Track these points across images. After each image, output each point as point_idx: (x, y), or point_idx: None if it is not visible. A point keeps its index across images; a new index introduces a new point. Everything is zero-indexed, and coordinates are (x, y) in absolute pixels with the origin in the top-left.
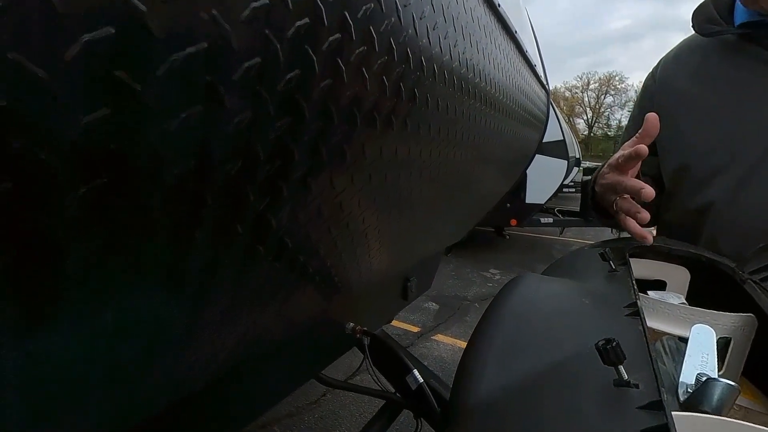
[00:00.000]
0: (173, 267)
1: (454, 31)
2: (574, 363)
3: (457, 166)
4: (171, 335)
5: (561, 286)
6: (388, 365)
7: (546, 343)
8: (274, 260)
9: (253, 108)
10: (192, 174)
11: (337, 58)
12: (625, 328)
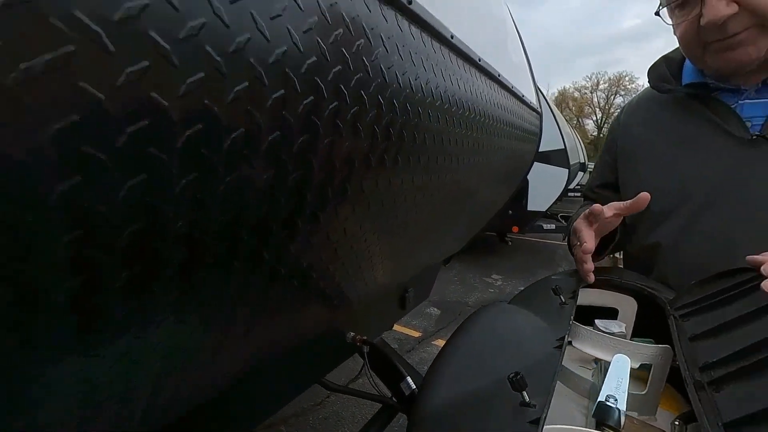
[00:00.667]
0: (209, 295)
1: (424, 71)
2: (502, 387)
3: (450, 188)
4: (200, 350)
5: (515, 318)
6: (385, 371)
7: (488, 368)
8: (289, 282)
9: (276, 168)
10: (233, 223)
11: (335, 119)
12: (548, 358)
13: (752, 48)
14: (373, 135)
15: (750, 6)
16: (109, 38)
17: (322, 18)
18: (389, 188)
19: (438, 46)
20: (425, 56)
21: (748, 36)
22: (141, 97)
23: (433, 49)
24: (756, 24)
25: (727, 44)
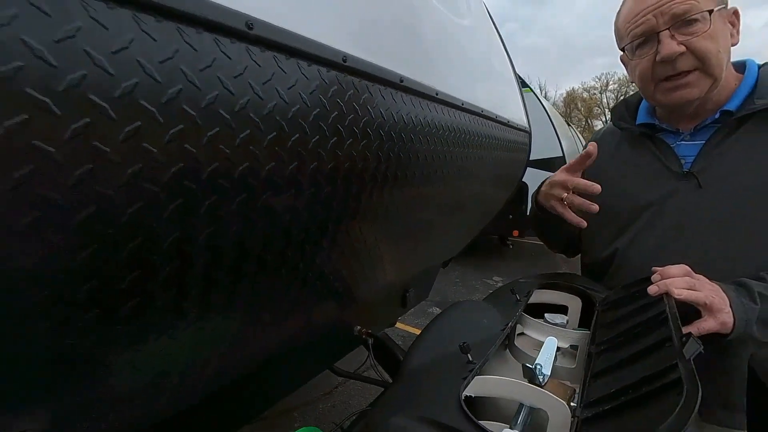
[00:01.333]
0: (247, 296)
1: (417, 115)
2: (456, 353)
3: (445, 199)
4: (237, 337)
5: (478, 310)
6: (387, 360)
7: (450, 343)
8: (310, 285)
9: (310, 194)
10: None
11: (345, 152)
12: (493, 336)
13: (696, 89)
14: (380, 160)
15: (693, 48)
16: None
17: (356, 93)
18: (393, 202)
19: (426, 102)
20: (416, 108)
21: (693, 78)
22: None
23: (420, 106)
24: (698, 68)
25: (675, 84)
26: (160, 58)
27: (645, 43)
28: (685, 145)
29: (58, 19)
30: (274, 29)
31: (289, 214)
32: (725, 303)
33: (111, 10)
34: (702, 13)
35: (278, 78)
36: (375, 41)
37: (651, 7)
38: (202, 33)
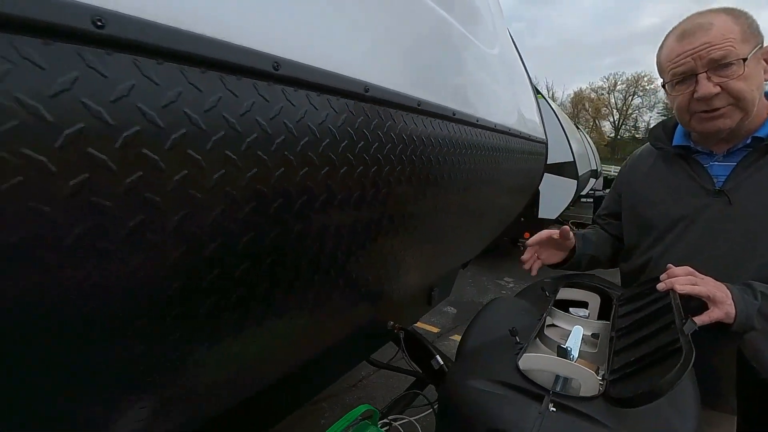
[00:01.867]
0: (307, 303)
1: (442, 137)
2: (505, 336)
3: (469, 207)
4: (295, 335)
5: (514, 304)
6: (417, 352)
7: (498, 328)
8: (352, 288)
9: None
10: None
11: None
12: (532, 324)
13: (728, 120)
14: (411, 180)
15: (728, 89)
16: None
17: (394, 125)
18: (423, 214)
19: (445, 123)
20: (437, 129)
21: (727, 111)
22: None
23: (440, 127)
24: (732, 103)
25: (710, 115)
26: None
27: (684, 81)
28: (718, 165)
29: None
30: (301, 67)
31: (339, 230)
32: (728, 297)
33: (160, 65)
34: (737, 58)
35: (310, 113)
36: (424, 76)
37: (690, 51)
38: (241, 79)
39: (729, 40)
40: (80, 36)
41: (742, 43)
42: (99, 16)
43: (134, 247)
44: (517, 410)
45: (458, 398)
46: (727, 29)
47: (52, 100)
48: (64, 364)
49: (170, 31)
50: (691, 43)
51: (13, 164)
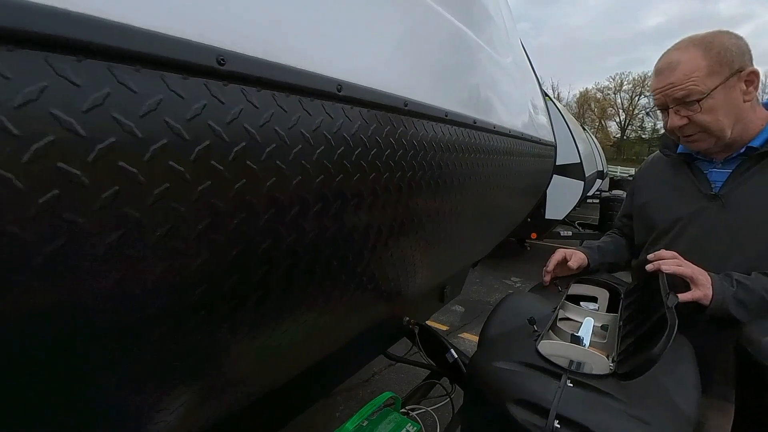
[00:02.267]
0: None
1: (456, 140)
2: (524, 325)
3: (480, 209)
4: (319, 330)
5: (529, 298)
6: (432, 346)
7: (516, 319)
8: (370, 286)
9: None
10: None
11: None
12: (548, 314)
13: (703, 143)
14: (438, 185)
15: (694, 121)
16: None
17: (425, 134)
18: (438, 216)
19: (467, 130)
20: (459, 136)
21: (699, 137)
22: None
23: (462, 134)
24: (701, 131)
25: (687, 140)
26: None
27: (662, 110)
28: (717, 171)
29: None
30: (357, 88)
31: (365, 233)
32: (708, 281)
33: (225, 86)
34: (699, 96)
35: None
36: (437, 86)
37: (660, 89)
38: (314, 100)
39: (692, 79)
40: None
41: (708, 78)
42: (222, 55)
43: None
44: (540, 385)
45: (485, 377)
46: (692, 68)
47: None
48: (127, 358)
49: (268, 65)
50: (661, 81)
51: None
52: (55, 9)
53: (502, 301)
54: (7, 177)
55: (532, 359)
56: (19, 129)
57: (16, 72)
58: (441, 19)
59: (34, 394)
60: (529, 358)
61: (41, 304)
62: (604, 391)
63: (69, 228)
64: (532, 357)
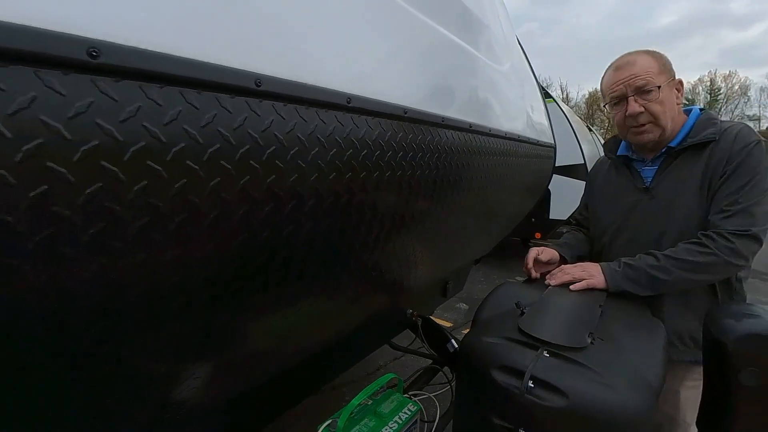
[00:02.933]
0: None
1: (454, 143)
2: (513, 309)
3: (483, 208)
4: (324, 319)
5: (521, 286)
6: (434, 338)
7: (507, 303)
8: (375, 278)
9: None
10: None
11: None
12: (535, 300)
13: (651, 134)
14: (434, 184)
15: (648, 109)
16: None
17: (423, 138)
18: (441, 213)
19: (463, 134)
20: (456, 139)
21: (648, 127)
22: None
23: (459, 137)
24: (652, 121)
25: (638, 130)
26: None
27: (618, 103)
28: (647, 169)
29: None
30: (365, 100)
31: (371, 227)
32: (598, 271)
33: (260, 103)
34: (654, 86)
35: (368, 133)
36: (434, 93)
37: (622, 80)
38: (328, 111)
39: (649, 72)
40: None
41: (659, 75)
42: (259, 79)
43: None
44: (519, 354)
45: (474, 349)
46: (648, 64)
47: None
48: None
49: (294, 84)
50: (623, 74)
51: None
52: (152, 52)
53: (496, 289)
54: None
55: (515, 335)
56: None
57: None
58: (437, 34)
59: (86, 351)
60: (513, 334)
61: (93, 281)
62: (576, 360)
63: (109, 216)
64: (515, 333)
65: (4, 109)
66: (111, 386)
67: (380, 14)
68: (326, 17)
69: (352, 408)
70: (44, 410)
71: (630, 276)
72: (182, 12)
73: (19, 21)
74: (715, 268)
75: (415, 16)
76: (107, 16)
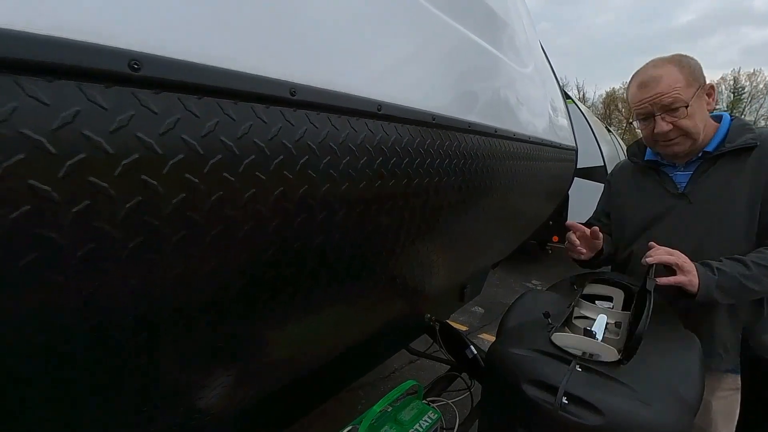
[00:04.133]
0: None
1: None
2: (540, 319)
3: (503, 212)
4: (346, 323)
5: (547, 295)
6: (452, 343)
7: (533, 313)
8: (395, 284)
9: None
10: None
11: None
12: (563, 310)
13: (681, 146)
14: (460, 190)
15: (678, 126)
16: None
17: (450, 144)
18: (460, 219)
19: (488, 139)
20: (481, 144)
21: (679, 140)
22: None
23: (484, 142)
24: (682, 134)
25: (668, 143)
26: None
27: (646, 119)
28: (680, 174)
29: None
30: (394, 107)
31: (390, 234)
32: (693, 269)
33: (294, 112)
34: (683, 103)
35: (398, 140)
36: (460, 99)
37: (647, 99)
38: (359, 119)
39: (675, 89)
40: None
41: (687, 89)
42: (293, 88)
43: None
44: (552, 368)
45: (502, 361)
46: (674, 80)
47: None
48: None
49: (326, 93)
50: (648, 92)
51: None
52: (188, 62)
53: (521, 297)
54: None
55: (546, 347)
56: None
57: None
58: (463, 38)
59: (114, 365)
60: (544, 346)
61: (126, 293)
62: (610, 376)
63: (148, 230)
64: (546, 345)
65: (48, 124)
66: (146, 395)
67: (409, 19)
68: (357, 23)
69: (374, 415)
70: (84, 417)
71: (723, 284)
72: (218, 23)
73: (62, 35)
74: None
75: (442, 19)
76: (146, 29)
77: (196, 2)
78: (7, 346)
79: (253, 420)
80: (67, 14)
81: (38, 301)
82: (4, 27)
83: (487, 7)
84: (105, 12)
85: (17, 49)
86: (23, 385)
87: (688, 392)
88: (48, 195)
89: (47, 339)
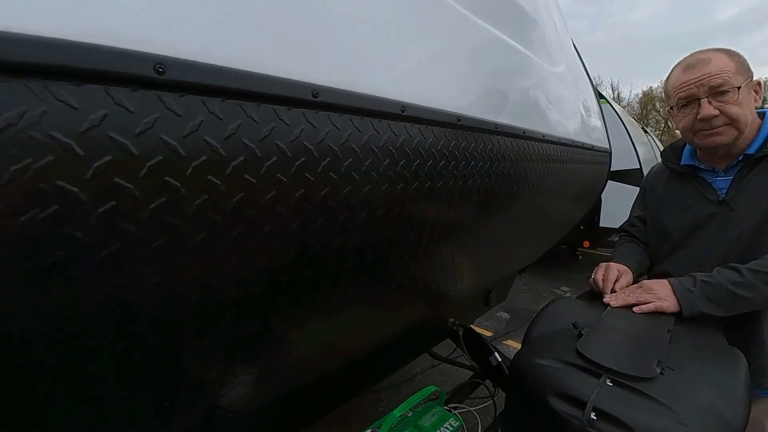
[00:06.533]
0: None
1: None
2: (570, 328)
3: (532, 217)
4: (373, 326)
5: (576, 304)
6: (475, 349)
7: (561, 322)
8: (419, 288)
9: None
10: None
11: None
12: (593, 320)
13: (725, 137)
14: (487, 193)
15: (725, 112)
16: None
17: (476, 146)
18: (487, 223)
19: (516, 140)
20: (509, 146)
21: (723, 129)
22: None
23: (512, 144)
24: (728, 123)
25: (710, 132)
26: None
27: (688, 105)
28: (720, 179)
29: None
30: (419, 108)
31: (418, 237)
32: (666, 291)
33: (317, 114)
34: (733, 86)
35: (420, 142)
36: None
37: (694, 80)
38: (381, 121)
39: (726, 72)
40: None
41: (737, 75)
42: (316, 91)
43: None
44: (580, 381)
45: (527, 372)
46: (724, 63)
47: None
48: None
49: (349, 95)
50: (694, 73)
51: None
52: (215, 66)
53: (548, 305)
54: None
55: (574, 359)
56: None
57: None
58: (491, 37)
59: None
60: (572, 357)
61: (149, 291)
62: (645, 393)
63: (171, 230)
64: (573, 357)
65: (77, 127)
66: (168, 391)
67: (433, 17)
68: (380, 23)
69: (394, 419)
70: (108, 411)
71: (709, 295)
72: (240, 26)
73: (89, 40)
74: None
75: (468, 17)
76: (170, 32)
77: (218, 6)
78: (36, 340)
79: (273, 418)
80: (94, 20)
81: (64, 298)
82: (35, 34)
83: (516, 4)
84: (130, 17)
85: (46, 55)
86: (50, 379)
87: (731, 414)
88: (75, 196)
89: (74, 334)
